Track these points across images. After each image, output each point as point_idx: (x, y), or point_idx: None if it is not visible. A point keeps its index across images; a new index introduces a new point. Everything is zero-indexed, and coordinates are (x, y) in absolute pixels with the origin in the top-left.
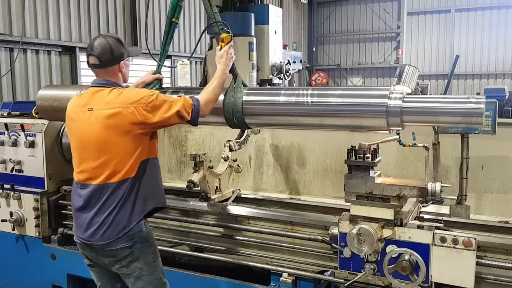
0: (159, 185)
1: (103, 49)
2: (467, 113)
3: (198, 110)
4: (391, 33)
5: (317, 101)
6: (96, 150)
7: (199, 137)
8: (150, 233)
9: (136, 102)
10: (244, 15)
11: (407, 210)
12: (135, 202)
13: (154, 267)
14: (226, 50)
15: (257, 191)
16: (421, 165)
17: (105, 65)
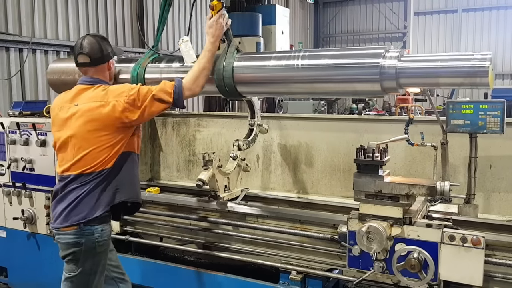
0: (134, 180)
1: (93, 47)
2: (470, 72)
3: (181, 90)
4: (397, 33)
5: (308, 64)
6: (77, 143)
7: (208, 137)
8: (102, 244)
9: (118, 95)
10: (251, 16)
11: (416, 208)
12: (102, 193)
13: (86, 280)
14: (216, 20)
15: (265, 190)
16: (430, 164)
17: (95, 63)
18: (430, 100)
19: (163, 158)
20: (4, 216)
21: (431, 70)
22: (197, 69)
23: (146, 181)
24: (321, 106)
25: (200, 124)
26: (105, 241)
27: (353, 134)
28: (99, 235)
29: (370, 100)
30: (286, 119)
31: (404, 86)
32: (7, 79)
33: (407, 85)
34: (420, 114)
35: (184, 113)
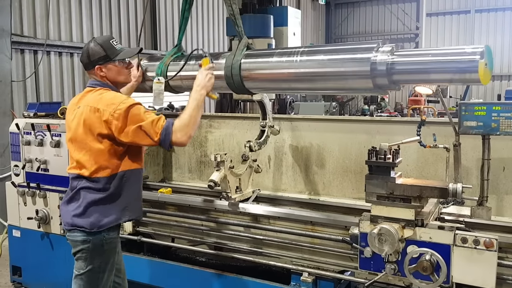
0: (140, 196)
1: (83, 53)
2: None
3: (169, 133)
4: (410, 34)
5: (305, 60)
6: (76, 145)
7: (219, 138)
8: (110, 242)
9: (107, 105)
10: (263, 17)
11: (428, 210)
12: (111, 206)
13: (95, 278)
14: (204, 77)
15: (276, 191)
16: (442, 166)
17: (86, 68)
18: (442, 102)
19: (175, 159)
20: (19, 216)
21: (422, 66)
22: (187, 118)
23: (158, 181)
24: (333, 107)
25: (212, 125)
26: (113, 239)
27: (365, 135)
28: (106, 233)
29: (382, 101)
30: (298, 120)
31: (397, 82)
32: (22, 80)
33: (400, 81)
34: (432, 115)
35: None
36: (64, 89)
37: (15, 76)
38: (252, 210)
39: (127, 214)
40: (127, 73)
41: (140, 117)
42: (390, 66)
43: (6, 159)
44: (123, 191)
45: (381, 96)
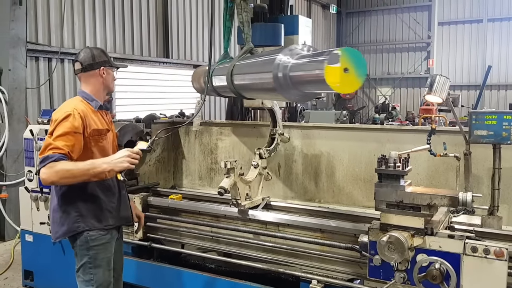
0: (102, 207)
1: (86, 55)
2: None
3: (43, 163)
4: (421, 43)
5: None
6: None
7: (229, 145)
8: (95, 238)
9: (54, 114)
10: (274, 26)
11: (438, 219)
12: (64, 216)
13: (88, 273)
14: (120, 156)
15: (286, 199)
16: (452, 175)
17: (87, 68)
18: (453, 111)
19: (186, 166)
20: (32, 221)
21: None
22: (67, 170)
23: (168, 188)
24: (343, 115)
25: (223, 132)
26: (99, 236)
27: (375, 143)
28: (87, 232)
29: (393, 110)
30: (308, 128)
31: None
32: (36, 87)
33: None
34: (444, 124)
35: (206, 121)
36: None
37: (30, 83)
38: (262, 217)
39: (81, 225)
40: (114, 83)
41: (55, 130)
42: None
43: (20, 165)
44: (75, 202)
45: (393, 105)
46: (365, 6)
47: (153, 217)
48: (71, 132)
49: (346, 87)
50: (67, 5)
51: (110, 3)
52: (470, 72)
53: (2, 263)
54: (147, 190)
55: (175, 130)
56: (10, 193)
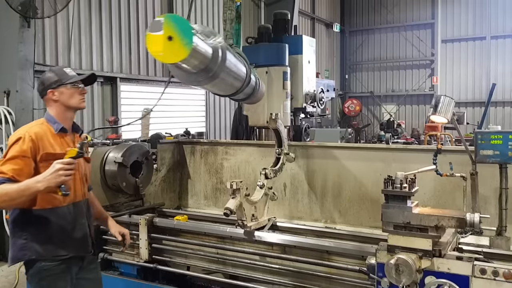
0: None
1: (39, 82)
2: None
3: None
4: (425, 61)
5: None
6: None
7: (235, 165)
8: (48, 269)
9: (11, 137)
10: (278, 46)
11: (446, 240)
12: (14, 242)
13: None
14: (52, 171)
15: (291, 219)
16: (459, 195)
17: (41, 95)
18: (458, 131)
19: (191, 185)
20: None
21: None
22: (2, 192)
23: (174, 208)
24: (348, 133)
25: (228, 152)
26: (51, 267)
27: (381, 163)
28: (39, 262)
29: (398, 127)
30: (313, 148)
31: None
32: (43, 108)
33: None
34: (449, 142)
35: (212, 141)
36: (84, 116)
37: (37, 104)
38: (268, 239)
39: (27, 253)
40: (79, 98)
41: (7, 154)
42: None
43: None
44: (24, 228)
45: (398, 122)
46: (368, 24)
47: (158, 238)
48: (19, 156)
49: (171, 56)
50: (75, 26)
51: (117, 24)
52: (475, 89)
53: (7, 284)
54: (153, 210)
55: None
56: None
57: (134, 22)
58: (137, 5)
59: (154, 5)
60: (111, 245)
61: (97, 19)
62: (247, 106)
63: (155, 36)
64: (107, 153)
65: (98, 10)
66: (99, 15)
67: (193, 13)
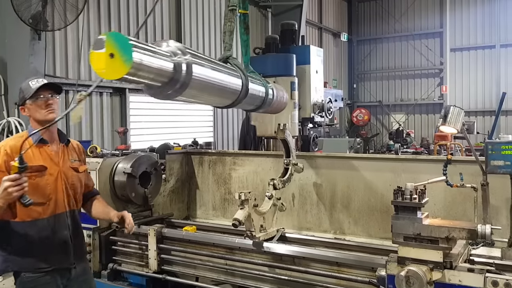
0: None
1: None
2: None
3: None
4: (434, 70)
5: None
6: None
7: (243, 175)
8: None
9: None
10: (286, 57)
11: (457, 252)
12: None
13: None
14: (6, 187)
15: (300, 230)
16: (470, 206)
17: None
18: (468, 141)
19: (200, 196)
20: None
21: None
22: None
23: (182, 219)
24: (357, 143)
25: (236, 162)
26: (34, 278)
27: (391, 173)
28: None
29: (407, 136)
30: (322, 158)
31: None
32: None
33: None
34: (459, 152)
35: (220, 151)
36: (93, 128)
37: None
38: (277, 250)
39: (9, 265)
40: (45, 111)
41: None
42: None
43: None
44: (6, 240)
45: (407, 132)
46: (376, 33)
47: (167, 249)
48: None
49: (112, 73)
50: (84, 38)
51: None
52: (485, 97)
53: None
54: (161, 221)
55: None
56: None
57: (142, 34)
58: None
59: (162, 16)
60: (120, 256)
61: (107, 31)
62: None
63: (98, 53)
64: (116, 164)
65: (107, 22)
66: (109, 26)
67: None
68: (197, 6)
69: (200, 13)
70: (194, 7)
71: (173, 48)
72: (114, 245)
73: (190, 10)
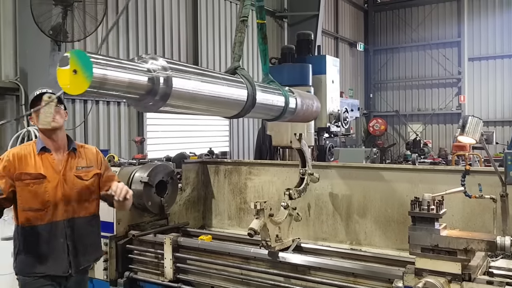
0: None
1: None
2: None
3: None
4: (451, 79)
5: None
6: None
7: (259, 185)
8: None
9: None
10: (302, 66)
11: (476, 264)
12: None
13: None
14: None
15: (316, 240)
16: (489, 217)
17: None
18: (487, 151)
19: (215, 205)
20: None
21: None
22: None
23: (198, 228)
24: (374, 153)
25: (252, 172)
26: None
27: (408, 184)
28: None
29: (425, 146)
30: (338, 168)
31: None
32: (72, 128)
33: None
34: (478, 162)
35: (236, 161)
36: (111, 136)
37: (66, 124)
38: (292, 260)
39: (16, 267)
40: (36, 119)
41: None
42: None
43: None
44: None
45: (424, 141)
46: (393, 43)
47: (183, 258)
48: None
49: (76, 88)
50: (103, 48)
51: (143, 46)
52: (504, 107)
53: None
54: (177, 230)
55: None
56: None
57: (160, 44)
58: (163, 27)
59: (179, 26)
60: (136, 264)
61: (124, 41)
62: (270, 126)
63: (63, 70)
64: (133, 173)
65: (125, 32)
66: (126, 37)
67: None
68: (213, 18)
69: (217, 25)
70: (210, 19)
71: (154, 66)
72: (131, 253)
73: (207, 22)
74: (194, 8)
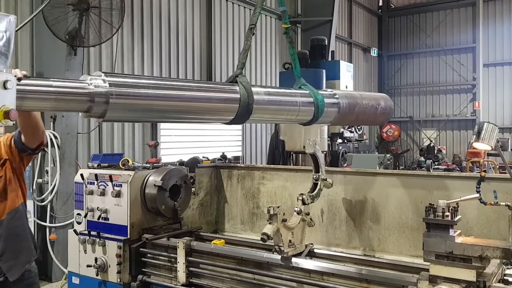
0: None
1: None
2: None
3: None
4: (466, 85)
5: None
6: None
7: (272, 190)
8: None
9: None
10: (315, 72)
11: (491, 272)
12: None
13: None
14: None
15: (329, 246)
16: (504, 225)
17: None
18: (502, 158)
19: (228, 210)
20: (79, 263)
21: None
22: None
23: (210, 232)
24: (387, 159)
25: (265, 177)
26: None
27: (422, 190)
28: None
29: (439, 153)
30: (351, 174)
31: None
32: (86, 133)
33: None
34: (493, 169)
35: (249, 166)
36: (125, 141)
37: (81, 128)
38: (305, 266)
39: None
40: None
41: None
42: None
43: (69, 207)
44: None
45: (438, 148)
46: (407, 48)
47: (196, 262)
48: None
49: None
50: (118, 54)
51: (158, 51)
52: None
53: None
54: (190, 234)
55: None
56: (59, 235)
57: (174, 50)
58: (177, 33)
59: (193, 33)
60: (150, 267)
61: (139, 47)
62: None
63: None
64: (147, 177)
65: (140, 38)
66: (141, 43)
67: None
68: (227, 24)
69: (231, 31)
70: (224, 25)
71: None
72: (144, 257)
73: (221, 28)
74: (209, 14)
